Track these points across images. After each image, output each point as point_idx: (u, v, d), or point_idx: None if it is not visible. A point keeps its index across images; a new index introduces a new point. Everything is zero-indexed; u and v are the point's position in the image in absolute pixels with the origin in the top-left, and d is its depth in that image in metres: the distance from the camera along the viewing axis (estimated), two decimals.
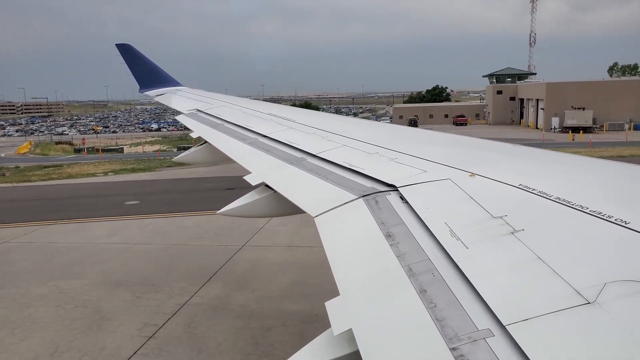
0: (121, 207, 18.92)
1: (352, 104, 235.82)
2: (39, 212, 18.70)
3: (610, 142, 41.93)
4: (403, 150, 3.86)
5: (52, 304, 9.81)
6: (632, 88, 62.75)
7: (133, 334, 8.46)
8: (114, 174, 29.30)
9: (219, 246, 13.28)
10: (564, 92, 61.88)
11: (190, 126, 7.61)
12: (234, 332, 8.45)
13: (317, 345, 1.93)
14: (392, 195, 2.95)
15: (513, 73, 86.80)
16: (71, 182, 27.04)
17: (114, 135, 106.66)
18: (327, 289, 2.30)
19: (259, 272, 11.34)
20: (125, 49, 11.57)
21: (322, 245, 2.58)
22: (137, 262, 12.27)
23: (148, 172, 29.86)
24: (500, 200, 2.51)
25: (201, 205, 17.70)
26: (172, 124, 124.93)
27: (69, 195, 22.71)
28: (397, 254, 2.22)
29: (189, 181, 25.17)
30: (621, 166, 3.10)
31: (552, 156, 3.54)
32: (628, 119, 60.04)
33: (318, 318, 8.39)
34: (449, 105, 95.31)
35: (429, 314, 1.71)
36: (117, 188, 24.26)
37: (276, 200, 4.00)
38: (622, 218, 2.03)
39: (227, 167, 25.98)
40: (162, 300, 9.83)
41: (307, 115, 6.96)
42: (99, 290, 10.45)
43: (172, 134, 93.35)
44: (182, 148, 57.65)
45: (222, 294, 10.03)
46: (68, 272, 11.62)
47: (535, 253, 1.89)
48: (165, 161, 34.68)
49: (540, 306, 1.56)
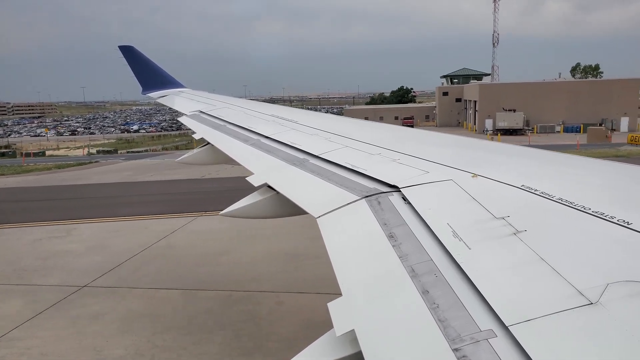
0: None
1: (319, 104, 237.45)
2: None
3: (532, 145, 41.41)
4: (405, 151, 3.86)
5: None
6: (565, 90, 62.70)
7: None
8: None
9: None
10: (498, 94, 61.88)
11: (192, 127, 7.63)
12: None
13: (319, 346, 1.93)
14: (394, 196, 2.95)
15: (468, 74, 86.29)
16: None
17: (72, 137, 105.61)
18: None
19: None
20: (128, 50, 11.61)
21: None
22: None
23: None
24: (502, 201, 2.51)
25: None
26: (153, 125, 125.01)
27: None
28: (400, 255, 2.22)
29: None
30: (624, 167, 3.09)
31: (554, 157, 3.53)
32: (560, 121, 59.98)
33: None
34: (399, 107, 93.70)
35: (432, 315, 1.71)
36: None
37: (279, 201, 4.01)
38: (625, 219, 2.03)
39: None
40: None
41: (310, 116, 6.97)
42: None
43: (147, 135, 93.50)
44: (106, 152, 57.56)
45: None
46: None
47: (537, 254, 1.89)
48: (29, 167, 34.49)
49: (542, 307, 1.56)
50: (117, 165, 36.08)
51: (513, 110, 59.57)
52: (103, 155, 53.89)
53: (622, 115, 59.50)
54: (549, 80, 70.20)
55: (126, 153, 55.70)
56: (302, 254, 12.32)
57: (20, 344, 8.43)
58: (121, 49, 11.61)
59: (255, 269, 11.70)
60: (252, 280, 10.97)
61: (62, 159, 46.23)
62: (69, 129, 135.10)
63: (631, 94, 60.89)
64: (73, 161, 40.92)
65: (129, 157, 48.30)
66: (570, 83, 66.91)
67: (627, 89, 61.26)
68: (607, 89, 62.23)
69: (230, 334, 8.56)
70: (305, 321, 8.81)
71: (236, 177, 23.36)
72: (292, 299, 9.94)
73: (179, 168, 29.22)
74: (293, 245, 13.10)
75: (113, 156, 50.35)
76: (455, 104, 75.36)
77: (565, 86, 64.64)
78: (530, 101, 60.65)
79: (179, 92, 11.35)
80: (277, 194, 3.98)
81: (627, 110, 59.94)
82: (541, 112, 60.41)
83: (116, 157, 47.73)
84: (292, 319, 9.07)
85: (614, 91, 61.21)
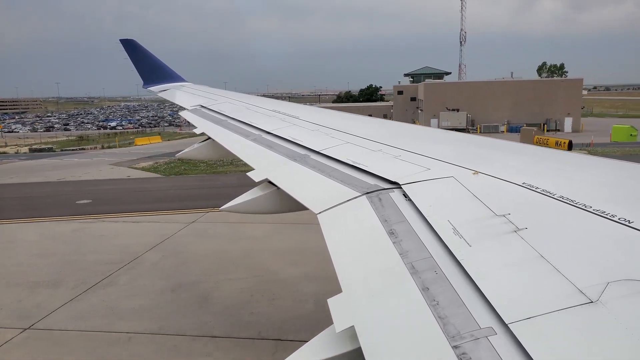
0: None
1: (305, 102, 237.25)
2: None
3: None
4: (407, 148, 3.85)
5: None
6: (509, 89, 61.65)
7: None
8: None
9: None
10: (444, 93, 60.92)
11: (194, 122, 7.62)
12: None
13: (319, 342, 1.93)
14: (395, 193, 2.95)
15: (430, 72, 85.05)
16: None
17: (33, 134, 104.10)
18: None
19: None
20: (129, 44, 11.56)
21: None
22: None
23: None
24: (503, 198, 2.51)
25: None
26: (133, 122, 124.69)
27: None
28: (400, 252, 2.22)
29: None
30: (624, 165, 3.09)
31: (555, 155, 3.53)
32: (505, 121, 59.46)
33: None
34: (357, 105, 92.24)
35: (432, 312, 1.71)
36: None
37: (279, 196, 4.01)
38: (626, 217, 2.02)
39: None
40: None
41: (311, 111, 6.96)
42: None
43: (126, 132, 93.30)
44: (40, 150, 56.19)
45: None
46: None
47: (538, 251, 1.89)
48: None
49: (542, 305, 1.56)
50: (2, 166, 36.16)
51: (457, 109, 59.26)
52: (31, 154, 52.53)
53: (566, 116, 58.32)
54: (493, 80, 69.41)
55: (60, 152, 54.31)
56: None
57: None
58: (122, 42, 11.56)
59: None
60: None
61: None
62: (46, 125, 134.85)
63: (574, 94, 59.64)
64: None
65: (56, 155, 47.56)
66: (515, 83, 64.70)
67: (571, 89, 60.18)
68: (551, 89, 60.94)
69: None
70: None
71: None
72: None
73: (49, 171, 29.72)
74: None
75: (35, 155, 48.92)
76: (410, 103, 74.58)
77: (510, 86, 63.04)
78: (476, 101, 59.49)
79: (180, 86, 11.33)
80: (277, 189, 3.98)
81: (570, 111, 58.65)
82: (487, 111, 59.40)
83: (22, 156, 46.82)
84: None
85: (558, 91, 60.01)
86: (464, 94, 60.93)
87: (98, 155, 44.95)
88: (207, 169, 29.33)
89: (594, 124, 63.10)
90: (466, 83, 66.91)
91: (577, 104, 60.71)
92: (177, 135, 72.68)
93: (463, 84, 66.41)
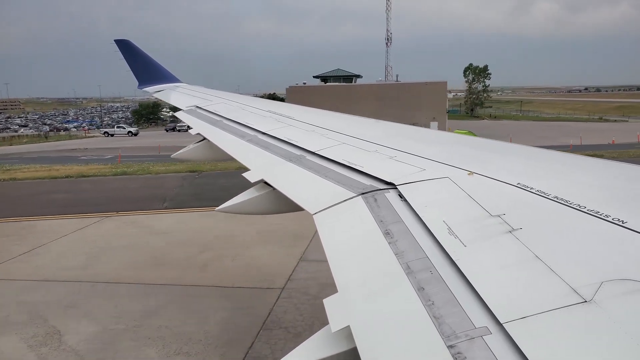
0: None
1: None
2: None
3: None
4: (402, 149, 3.86)
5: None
6: (374, 93, 60.76)
7: None
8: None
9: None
10: (308, 96, 57.76)
11: (189, 123, 7.60)
12: None
13: (315, 342, 1.93)
14: (390, 193, 2.95)
15: (340, 75, 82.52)
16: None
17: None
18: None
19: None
20: (124, 44, 11.53)
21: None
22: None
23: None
24: (498, 198, 2.52)
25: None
26: (93, 122, 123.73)
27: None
28: (396, 252, 2.23)
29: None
30: (620, 166, 3.11)
31: (550, 155, 3.55)
32: None
33: None
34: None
35: (427, 312, 1.72)
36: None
37: (275, 197, 4.01)
38: (620, 217, 2.04)
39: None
40: None
41: (307, 112, 6.96)
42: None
43: (79, 134, 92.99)
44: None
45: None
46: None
47: (532, 252, 1.90)
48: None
49: (537, 304, 1.57)
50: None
51: None
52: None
53: (431, 120, 55.77)
54: (359, 83, 68.37)
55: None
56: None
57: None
58: (117, 42, 11.52)
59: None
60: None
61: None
62: (5, 126, 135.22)
63: (439, 98, 58.41)
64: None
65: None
66: (379, 86, 63.65)
67: (435, 92, 58.75)
68: (415, 92, 59.25)
69: None
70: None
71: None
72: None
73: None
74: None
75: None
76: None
77: (375, 89, 61.73)
78: (340, 104, 58.80)
79: (175, 86, 11.30)
80: (273, 190, 3.98)
81: (435, 114, 56.97)
82: (351, 114, 58.62)
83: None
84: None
85: (422, 95, 58.46)
86: (328, 97, 58.54)
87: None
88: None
89: (471, 128, 58.38)
90: (330, 86, 65.69)
91: (442, 107, 59.35)
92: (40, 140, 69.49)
93: (327, 87, 65.22)
